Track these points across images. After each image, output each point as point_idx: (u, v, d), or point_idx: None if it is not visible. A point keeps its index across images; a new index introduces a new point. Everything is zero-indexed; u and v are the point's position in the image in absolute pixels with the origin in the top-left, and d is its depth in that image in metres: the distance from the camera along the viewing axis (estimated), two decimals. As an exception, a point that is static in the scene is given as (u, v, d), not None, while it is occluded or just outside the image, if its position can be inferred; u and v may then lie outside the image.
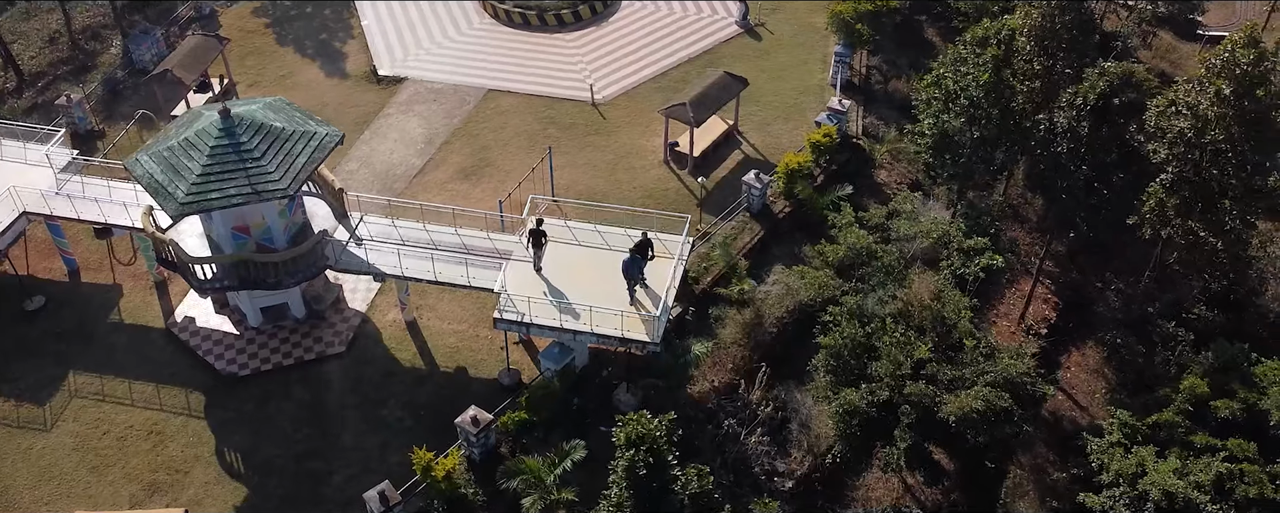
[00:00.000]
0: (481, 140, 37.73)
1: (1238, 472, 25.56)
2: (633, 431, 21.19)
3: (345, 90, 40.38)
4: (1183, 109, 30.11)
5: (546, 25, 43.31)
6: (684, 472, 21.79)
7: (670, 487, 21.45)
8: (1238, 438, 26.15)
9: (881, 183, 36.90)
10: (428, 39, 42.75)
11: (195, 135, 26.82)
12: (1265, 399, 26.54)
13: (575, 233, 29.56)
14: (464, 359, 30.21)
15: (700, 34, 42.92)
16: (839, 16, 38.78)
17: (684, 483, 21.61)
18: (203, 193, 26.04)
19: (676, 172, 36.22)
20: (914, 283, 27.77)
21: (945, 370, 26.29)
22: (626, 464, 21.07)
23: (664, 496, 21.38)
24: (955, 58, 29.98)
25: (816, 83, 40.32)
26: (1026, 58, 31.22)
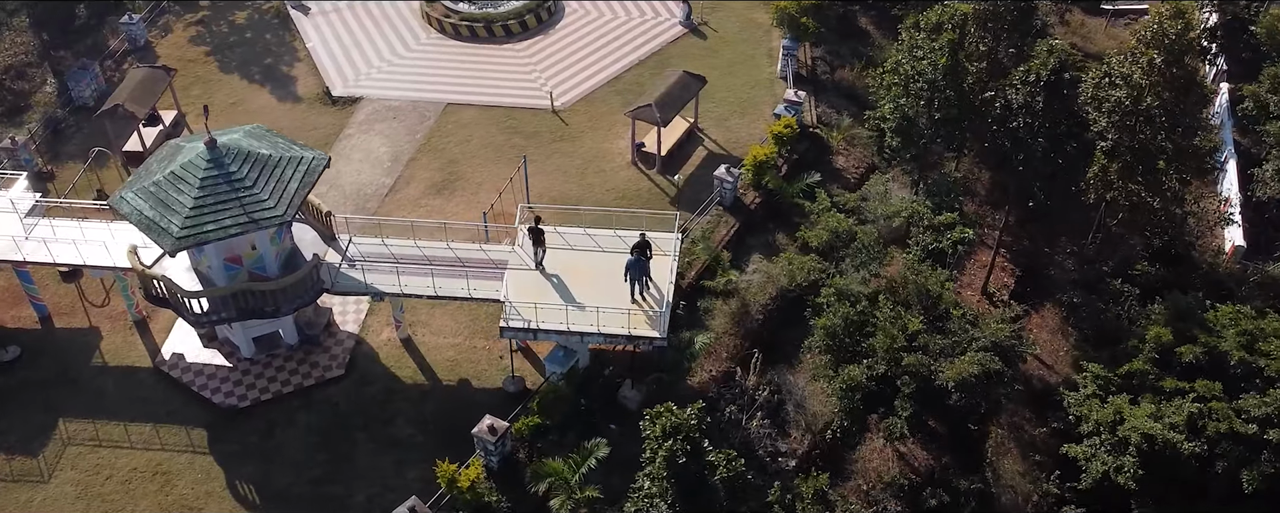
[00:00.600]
0: (448, 154, 37.95)
1: (1207, 410, 27.66)
2: (667, 422, 22.00)
3: (300, 114, 40.07)
4: (1118, 79, 32.31)
5: (494, 36, 43.65)
6: (715, 457, 22.67)
7: (705, 473, 22.31)
8: (1203, 380, 28.27)
9: (840, 168, 38.39)
10: (377, 57, 42.67)
11: (182, 168, 26.57)
12: (1223, 342, 28.74)
13: (566, 237, 30.17)
14: (465, 371, 30.54)
15: (647, 36, 43.83)
16: (784, 11, 40.13)
17: (717, 468, 22.49)
18: (198, 225, 25.85)
19: (645, 171, 37.07)
20: (895, 261, 29.20)
21: (936, 340, 27.77)
22: (666, 455, 21.85)
23: (701, 482, 22.24)
24: (912, 44, 31.55)
25: (766, 77, 41.64)
26: (974, 40, 33.02)
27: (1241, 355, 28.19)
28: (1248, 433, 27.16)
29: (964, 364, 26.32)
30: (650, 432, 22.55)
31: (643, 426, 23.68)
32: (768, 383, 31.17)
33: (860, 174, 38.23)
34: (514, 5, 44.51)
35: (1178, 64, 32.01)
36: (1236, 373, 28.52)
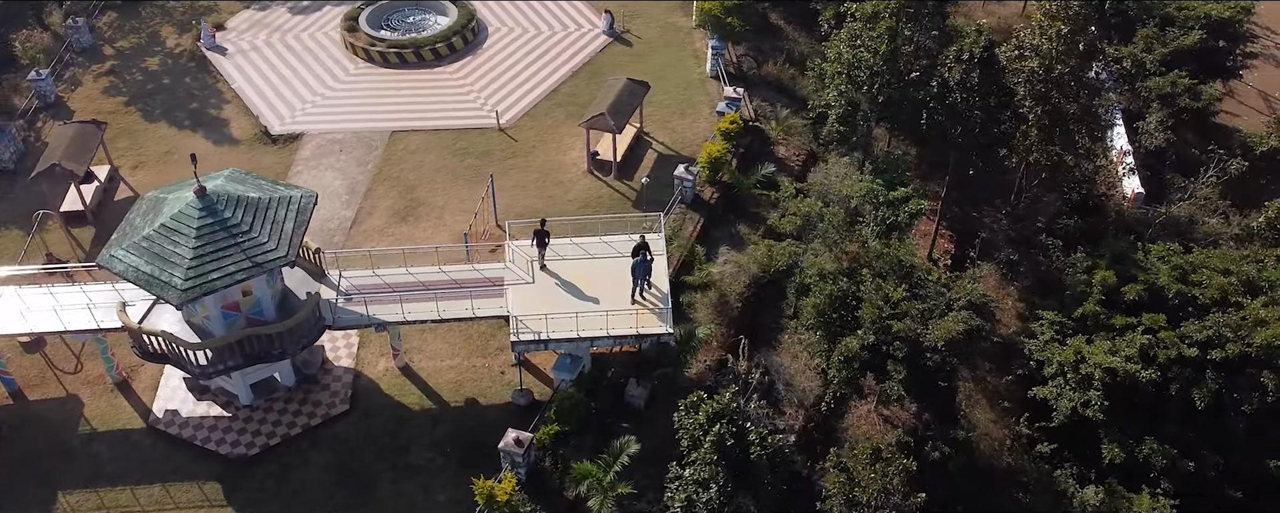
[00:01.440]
0: (404, 181, 38.12)
1: (1156, 341, 30.71)
2: (710, 409, 23.28)
3: (242, 156, 39.45)
4: (1028, 52, 35.33)
5: (423, 61, 43.89)
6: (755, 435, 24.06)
7: (749, 452, 23.66)
8: (1148, 314, 31.34)
9: (783, 158, 40.38)
10: (309, 92, 42.34)
11: (173, 220, 26.25)
12: (1160, 277, 31.92)
13: (554, 248, 30.99)
14: (470, 390, 31.01)
15: (574, 48, 44.88)
16: (709, 14, 41.86)
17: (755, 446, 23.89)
18: (202, 275, 25.62)
19: (603, 179, 38.15)
20: (864, 236, 31.26)
21: (915, 306, 29.93)
22: (714, 439, 23.11)
23: (746, 460, 23.58)
24: (850, 34, 33.70)
25: (697, 77, 43.30)
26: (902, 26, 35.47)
27: (1178, 288, 31.41)
28: (1192, 356, 30.31)
29: (950, 324, 28.53)
30: (693, 420, 23.75)
31: (677, 417, 24.89)
32: (756, 366, 32.78)
33: (801, 162, 40.32)
34: (438, 29, 44.89)
35: (1081, 33, 35.24)
36: (1175, 304, 31.73)
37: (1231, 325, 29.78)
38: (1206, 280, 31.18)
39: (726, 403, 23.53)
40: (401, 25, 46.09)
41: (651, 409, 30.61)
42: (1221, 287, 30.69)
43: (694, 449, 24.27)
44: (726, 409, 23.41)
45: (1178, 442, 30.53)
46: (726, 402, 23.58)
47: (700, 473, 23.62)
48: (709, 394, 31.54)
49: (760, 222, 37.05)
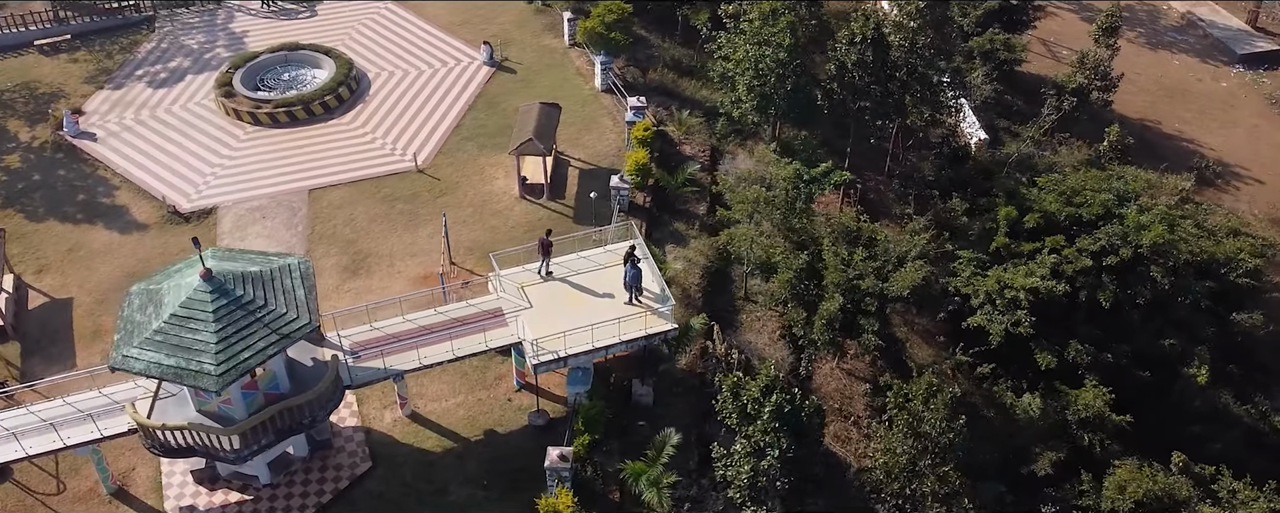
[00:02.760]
0: (342, 237, 37.97)
1: (1062, 258, 35.77)
2: (763, 381, 25.70)
3: (158, 241, 37.93)
4: (888, 26, 39.87)
5: (314, 116, 43.50)
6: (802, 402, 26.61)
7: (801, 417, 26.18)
8: (1049, 237, 36.38)
9: (690, 155, 43.17)
10: (205, 164, 41.07)
11: (184, 308, 25.70)
12: (1051, 204, 37.08)
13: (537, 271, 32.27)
14: (484, 423, 31.81)
15: (460, 82, 45.79)
16: (592, 31, 43.96)
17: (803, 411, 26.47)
18: (234, 356, 25.29)
19: (537, 202, 39.52)
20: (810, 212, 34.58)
21: (870, 265, 33.48)
22: (773, 408, 25.48)
23: (799, 422, 26.10)
24: (753, 33, 36.82)
25: (588, 93, 45.35)
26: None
27: (1068, 211, 36.65)
28: (1090, 266, 35.55)
29: (910, 274, 32.24)
30: (747, 394, 26.00)
31: (720, 399, 27.13)
32: (731, 347, 35.39)
33: (707, 157, 43.27)
34: (321, 83, 44.57)
35: (937, 5, 40.16)
36: (1066, 225, 36.96)
37: (1118, 235, 35.21)
38: (1089, 200, 36.58)
39: (774, 375, 25.96)
40: (277, 84, 45.37)
41: (659, 406, 32.60)
42: (1103, 203, 36.15)
43: (745, 423, 26.53)
44: (776, 380, 25.85)
45: (1093, 340, 35.70)
46: (773, 374, 26.01)
47: (759, 442, 25.90)
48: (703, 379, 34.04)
49: (693, 218, 39.68)
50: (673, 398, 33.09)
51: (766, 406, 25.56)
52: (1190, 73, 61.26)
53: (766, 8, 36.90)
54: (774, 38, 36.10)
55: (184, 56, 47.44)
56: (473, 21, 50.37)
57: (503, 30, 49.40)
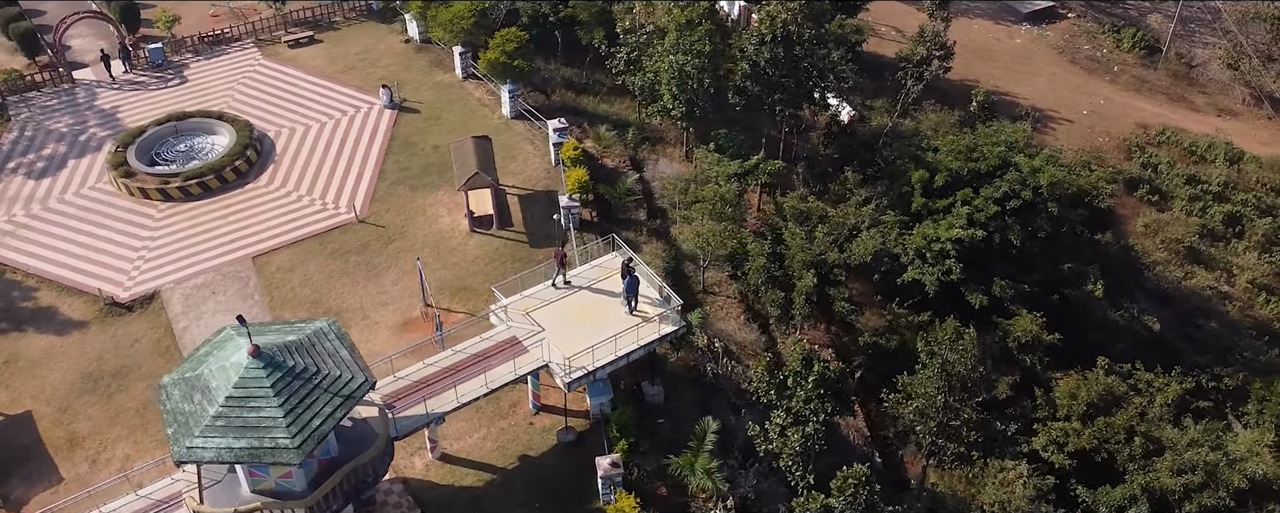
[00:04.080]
0: (305, 298, 37.35)
1: (974, 207, 40.39)
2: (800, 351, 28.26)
3: (103, 335, 35.95)
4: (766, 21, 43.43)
5: (228, 183, 42.23)
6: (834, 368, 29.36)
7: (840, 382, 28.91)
8: (960, 191, 40.94)
9: (614, 167, 45.13)
10: (127, 247, 39.13)
11: (238, 388, 25.24)
12: (952, 161, 41.69)
13: (536, 297, 33.37)
14: (516, 449, 32.60)
15: (368, 128, 45.63)
16: (496, 63, 45.02)
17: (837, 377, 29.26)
18: (308, 426, 25.12)
19: (488, 233, 40.31)
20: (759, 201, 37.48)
21: (828, 240, 36.77)
22: (818, 375, 28.06)
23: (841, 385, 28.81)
24: (672, 43, 39.21)
25: (499, 122, 46.35)
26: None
27: (970, 166, 41.40)
28: (998, 210, 40.41)
29: (867, 242, 35.75)
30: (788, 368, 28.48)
31: (754, 378, 29.54)
32: (712, 337, 37.81)
33: (628, 166, 45.37)
34: (224, 148, 43.26)
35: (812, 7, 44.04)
36: (968, 178, 41.71)
37: (1017, 180, 40.24)
38: (986, 154, 41.48)
39: (812, 349, 28.52)
40: (175, 156, 43.64)
41: (669, 403, 34.51)
42: (999, 155, 41.12)
43: (783, 397, 29.01)
44: (813, 354, 28.44)
45: (1009, 276, 40.62)
46: (807, 347, 28.56)
47: (801, 411, 28.41)
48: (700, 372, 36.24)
49: (638, 225, 41.70)
50: (677, 394, 35.07)
51: (810, 376, 28.14)
52: (989, 34, 69.17)
53: (681, 18, 39.46)
54: (694, 45, 38.72)
55: (56, 142, 44.61)
56: (356, 67, 50.11)
57: (390, 72, 49.48)
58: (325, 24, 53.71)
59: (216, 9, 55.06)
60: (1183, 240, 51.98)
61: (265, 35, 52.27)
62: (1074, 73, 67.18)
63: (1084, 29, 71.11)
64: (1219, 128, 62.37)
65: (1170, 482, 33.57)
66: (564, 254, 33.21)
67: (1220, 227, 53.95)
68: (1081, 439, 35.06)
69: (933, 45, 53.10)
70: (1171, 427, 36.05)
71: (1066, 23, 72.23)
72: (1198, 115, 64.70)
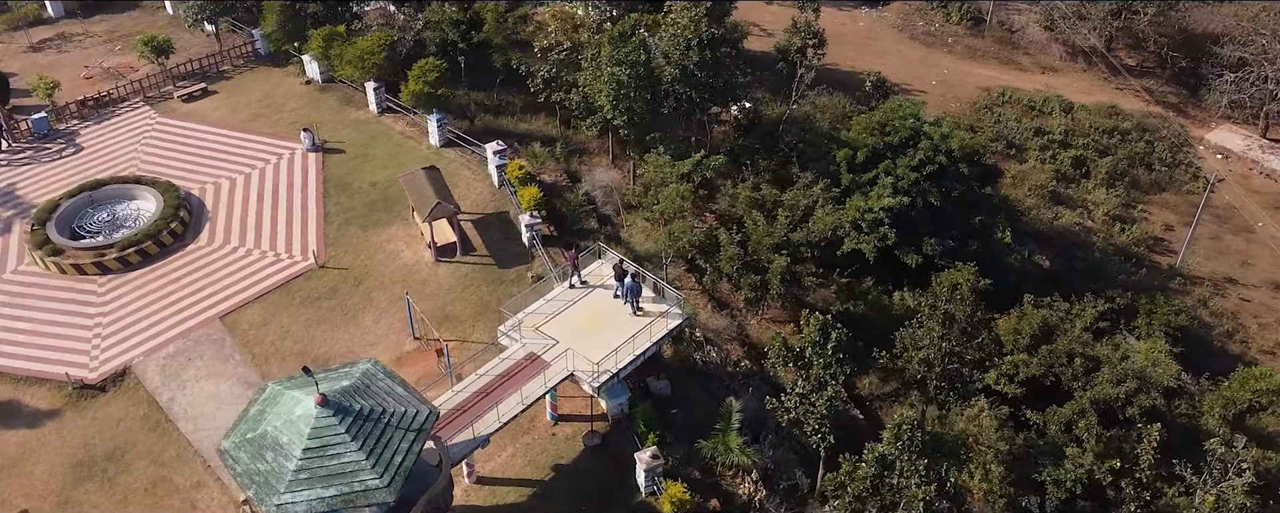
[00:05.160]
0: (287, 350, 36.75)
1: (896, 176, 44.16)
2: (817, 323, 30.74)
3: (83, 420, 34.24)
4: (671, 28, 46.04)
5: (166, 247, 40.73)
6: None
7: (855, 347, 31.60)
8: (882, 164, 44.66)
9: (551, 183, 46.35)
10: (78, 329, 37.25)
11: (313, 438, 25.23)
12: (866, 137, 45.39)
13: (539, 312, 34.42)
14: (547, 461, 33.52)
15: (297, 173, 44.91)
16: (420, 94, 45.31)
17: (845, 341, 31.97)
18: (391, 463, 25.43)
19: (453, 260, 40.75)
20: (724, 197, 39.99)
21: (785, 223, 39.58)
22: (835, 343, 30.61)
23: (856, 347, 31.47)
24: (609, 56, 40.90)
25: (428, 151, 46.64)
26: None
27: (884, 140, 45.22)
28: (916, 177, 44.42)
29: (826, 219, 38.75)
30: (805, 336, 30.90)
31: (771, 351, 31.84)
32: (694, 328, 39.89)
33: (565, 179, 46.70)
34: (153, 213, 41.65)
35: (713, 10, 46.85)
36: (884, 151, 45.57)
37: (930, 148, 44.38)
38: (898, 128, 45.42)
39: (827, 320, 31.07)
40: (101, 226, 41.64)
41: (675, 393, 36.32)
42: (910, 128, 45.15)
43: (801, 367, 31.46)
44: (830, 323, 31.00)
45: (933, 235, 44.74)
46: (826, 320, 31.10)
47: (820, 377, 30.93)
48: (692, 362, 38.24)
49: (593, 232, 43.18)
50: (678, 384, 36.91)
51: (830, 343, 30.70)
52: (835, 20, 74.42)
53: (613, 32, 41.25)
54: (628, 57, 40.62)
55: (-45, 228, 41.62)
56: (262, 114, 49.03)
57: (299, 115, 48.75)
58: (214, 74, 52.11)
59: (88, 71, 52.33)
60: (1045, 186, 58.29)
61: (154, 92, 50.23)
62: (915, 48, 73.42)
63: (915, 7, 77.67)
64: (1048, 83, 69.90)
65: (1113, 391, 38.26)
66: (576, 256, 34.41)
67: (1070, 170, 60.76)
68: (1031, 368, 39.32)
69: (806, 35, 57.22)
70: (1100, 344, 40.96)
71: (898, 3, 78.67)
72: (1027, 74, 72.18)
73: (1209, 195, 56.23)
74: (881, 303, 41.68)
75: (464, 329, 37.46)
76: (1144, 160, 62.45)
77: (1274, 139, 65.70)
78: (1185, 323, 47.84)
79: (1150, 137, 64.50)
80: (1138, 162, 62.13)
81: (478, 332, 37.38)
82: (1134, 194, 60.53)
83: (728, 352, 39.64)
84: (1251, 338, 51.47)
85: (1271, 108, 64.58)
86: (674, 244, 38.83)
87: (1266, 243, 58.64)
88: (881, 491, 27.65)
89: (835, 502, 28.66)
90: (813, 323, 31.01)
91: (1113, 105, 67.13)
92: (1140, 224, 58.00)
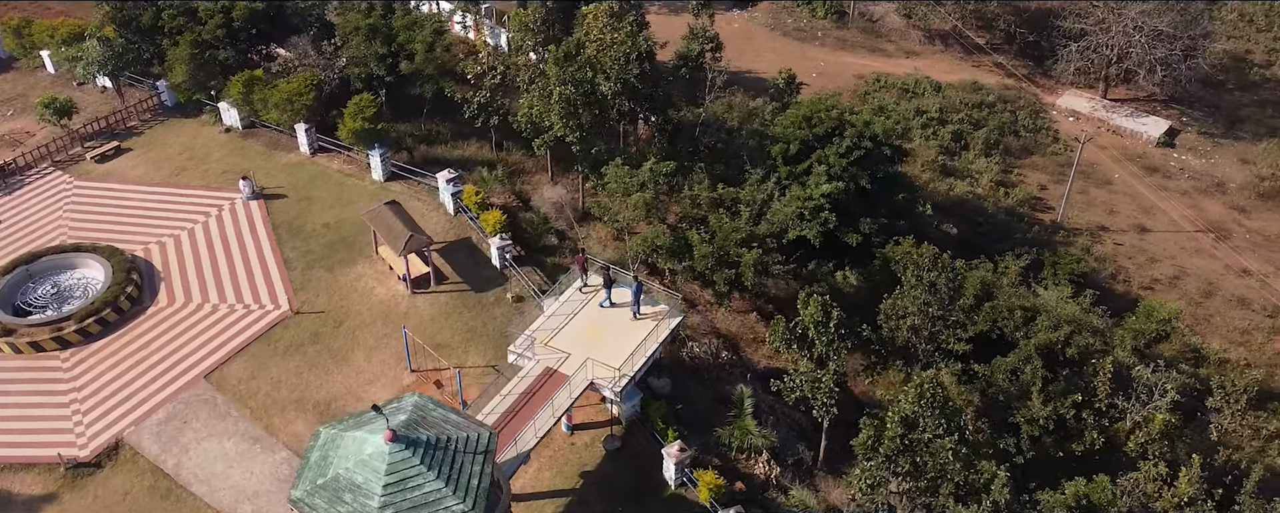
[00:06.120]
0: (282, 400, 36.24)
1: (829, 164, 47.25)
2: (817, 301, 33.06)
3: (89, 500, 33.03)
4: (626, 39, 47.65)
5: (125, 313, 39.25)
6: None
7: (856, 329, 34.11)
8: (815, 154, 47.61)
9: (501, 205, 47.04)
10: (54, 407, 35.62)
11: (392, 474, 25.55)
12: (794, 131, 48.32)
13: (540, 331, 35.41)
14: (572, 470, 34.52)
15: (243, 223, 43.95)
16: (360, 131, 45.15)
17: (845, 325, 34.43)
18: (469, 487, 25.97)
19: (430, 291, 40.97)
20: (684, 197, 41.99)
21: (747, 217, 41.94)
22: (836, 322, 32.99)
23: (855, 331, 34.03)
24: (557, 77, 42.06)
25: (373, 186, 46.46)
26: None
27: (812, 132, 48.25)
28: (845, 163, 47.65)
29: (783, 209, 41.27)
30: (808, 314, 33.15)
31: (772, 335, 34.00)
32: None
33: (515, 201, 47.46)
34: (103, 281, 40.10)
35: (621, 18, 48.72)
36: (814, 143, 48.59)
37: (856, 134, 47.68)
38: (823, 119, 48.52)
39: (822, 300, 33.38)
40: (47, 300, 39.71)
41: (675, 390, 37.97)
42: (834, 118, 48.31)
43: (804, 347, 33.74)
44: (827, 303, 33.34)
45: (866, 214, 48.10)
46: (821, 300, 33.40)
47: (823, 354, 33.29)
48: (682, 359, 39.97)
49: (557, 250, 44.25)
50: (674, 381, 38.56)
51: (832, 320, 33.12)
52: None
53: (560, 53, 42.44)
54: (574, 75, 41.95)
55: (-121, 321, 38.68)
56: (188, 167, 47.59)
57: (227, 164, 47.60)
58: (123, 132, 50.07)
59: (-20, 140, 49.36)
60: (934, 161, 63.11)
61: (62, 156, 47.88)
62: (790, 44, 77.56)
63: (782, 5, 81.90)
64: (916, 67, 75.34)
65: (1053, 335, 42.44)
66: (585, 259, 35.54)
67: (951, 144, 65.94)
68: (980, 325, 43.06)
69: (704, 40, 59.95)
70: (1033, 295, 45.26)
71: (766, 2, 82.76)
72: (894, 60, 77.46)
73: (1073, 153, 62.30)
74: (838, 284, 44.55)
75: (460, 355, 37.92)
76: (1012, 129, 68.35)
77: (1114, 99, 72.98)
78: (1085, 270, 53.15)
79: (1011, 107, 70.55)
80: (1006, 130, 67.91)
81: (472, 356, 37.94)
82: (1008, 160, 66.13)
83: (708, 345, 41.58)
84: (1131, 277, 57.40)
85: (1110, 72, 71.80)
86: (647, 247, 40.46)
87: (1125, 192, 65.35)
88: (913, 447, 30.19)
89: (867, 463, 31.02)
90: (813, 304, 33.40)
91: (975, 82, 72.95)
92: (1020, 187, 63.54)
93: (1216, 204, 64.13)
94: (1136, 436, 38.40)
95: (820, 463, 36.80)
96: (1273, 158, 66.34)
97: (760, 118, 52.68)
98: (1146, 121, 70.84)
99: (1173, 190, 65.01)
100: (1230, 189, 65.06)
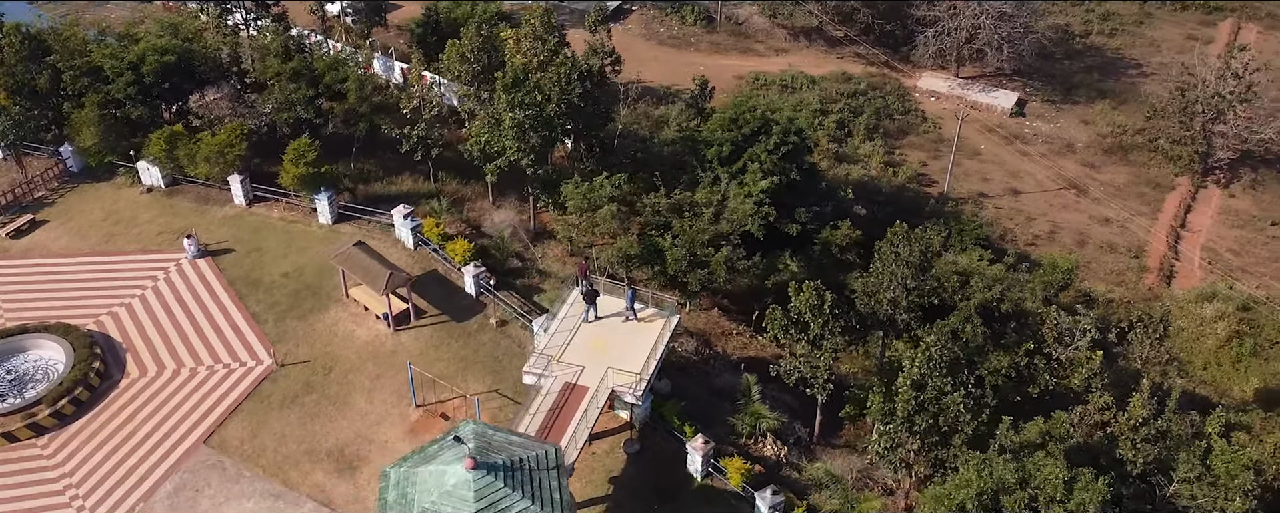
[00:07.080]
0: (296, 452, 35.62)
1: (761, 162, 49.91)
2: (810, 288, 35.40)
3: (113, 583, 31.46)
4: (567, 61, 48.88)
5: (97, 391, 37.51)
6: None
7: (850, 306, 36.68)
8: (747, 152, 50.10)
9: (455, 234, 47.27)
10: (47, 494, 33.67)
11: (480, 498, 26.16)
12: (723, 133, 50.77)
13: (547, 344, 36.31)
14: (597, 479, 35.54)
15: (197, 281, 42.56)
16: (303, 176, 44.47)
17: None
18: (554, 503, 26.86)
19: (411, 327, 40.93)
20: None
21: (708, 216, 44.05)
22: (831, 304, 35.47)
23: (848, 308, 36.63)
24: (509, 101, 42.77)
25: (322, 230, 45.76)
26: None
27: (740, 133, 50.73)
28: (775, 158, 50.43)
29: (741, 207, 43.59)
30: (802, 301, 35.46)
31: (769, 322, 36.21)
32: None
33: (466, 229, 47.75)
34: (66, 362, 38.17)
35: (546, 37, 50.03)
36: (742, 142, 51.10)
37: (782, 130, 50.55)
38: (748, 119, 51.13)
39: (817, 285, 35.77)
40: (5, 388, 37.40)
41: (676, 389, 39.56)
42: (759, 118, 50.96)
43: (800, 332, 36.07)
44: (820, 288, 35.79)
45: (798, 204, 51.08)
46: (817, 285, 35.77)
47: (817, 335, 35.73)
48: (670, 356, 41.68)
49: (525, 271, 44.98)
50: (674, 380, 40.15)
51: (826, 303, 35.59)
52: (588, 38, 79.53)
53: (507, 79, 43.16)
54: (524, 99, 42.86)
55: None
56: (116, 232, 45.48)
57: (158, 225, 45.82)
58: (32, 204, 47.22)
59: None
60: (827, 149, 67.23)
61: (-31, 236, 44.84)
62: (668, 51, 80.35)
63: (651, 15, 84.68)
64: (789, 64, 79.65)
65: (988, 294, 46.54)
66: (586, 266, 36.58)
67: (836, 131, 70.34)
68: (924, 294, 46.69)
69: (603, 55, 61.91)
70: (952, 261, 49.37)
71: (636, 13, 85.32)
72: (766, 59, 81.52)
73: (941, 130, 67.66)
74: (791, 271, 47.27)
75: (460, 385, 38.22)
76: (887, 113, 73.48)
77: (966, 77, 79.49)
78: (986, 234, 58.08)
79: (880, 93, 75.76)
80: (882, 115, 72.97)
81: (472, 384, 38.33)
82: (888, 142, 71.06)
83: (687, 344, 43.40)
84: (1017, 236, 63.07)
85: (962, 52, 78.25)
86: (620, 256, 41.91)
87: (992, 160, 71.45)
88: (925, 406, 32.95)
89: (885, 426, 33.59)
90: (806, 290, 35.79)
91: (843, 72, 77.83)
92: (905, 166, 68.48)
93: (1071, 163, 70.95)
94: (1079, 373, 42.81)
95: (816, 438, 39.24)
96: (1107, 118, 73.91)
97: (680, 124, 54.92)
98: (998, 94, 77.34)
99: (1032, 154, 71.42)
100: (1079, 148, 72.01)
